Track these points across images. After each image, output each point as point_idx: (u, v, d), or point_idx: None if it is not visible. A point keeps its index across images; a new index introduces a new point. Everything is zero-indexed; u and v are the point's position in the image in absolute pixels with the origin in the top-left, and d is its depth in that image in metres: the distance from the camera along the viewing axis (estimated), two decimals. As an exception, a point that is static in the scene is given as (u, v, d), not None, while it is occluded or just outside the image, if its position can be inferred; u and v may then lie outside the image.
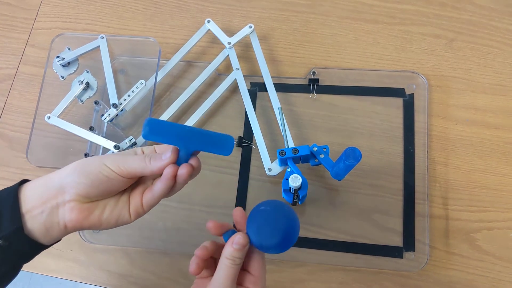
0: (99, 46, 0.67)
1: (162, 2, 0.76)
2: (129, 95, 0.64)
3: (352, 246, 0.59)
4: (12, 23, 0.76)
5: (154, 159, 0.40)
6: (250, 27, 0.67)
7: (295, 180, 0.53)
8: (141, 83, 0.64)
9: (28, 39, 0.75)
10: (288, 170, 0.57)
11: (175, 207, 0.63)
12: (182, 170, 0.41)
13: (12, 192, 0.40)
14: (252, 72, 0.69)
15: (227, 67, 0.70)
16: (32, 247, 0.40)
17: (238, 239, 0.38)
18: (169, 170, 0.40)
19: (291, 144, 0.60)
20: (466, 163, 0.62)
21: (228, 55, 0.67)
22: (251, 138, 0.65)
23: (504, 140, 0.63)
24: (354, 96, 0.67)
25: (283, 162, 0.58)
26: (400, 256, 0.58)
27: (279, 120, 0.61)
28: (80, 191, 0.40)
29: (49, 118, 0.63)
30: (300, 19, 0.73)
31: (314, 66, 0.69)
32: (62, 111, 0.64)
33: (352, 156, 0.49)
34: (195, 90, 0.66)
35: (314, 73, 0.68)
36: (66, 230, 0.41)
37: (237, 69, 0.66)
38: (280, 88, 0.66)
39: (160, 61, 0.68)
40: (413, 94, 0.66)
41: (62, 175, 0.41)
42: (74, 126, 0.63)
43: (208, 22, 0.68)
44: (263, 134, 0.62)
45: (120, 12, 0.76)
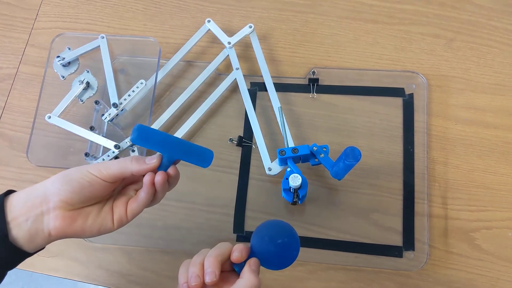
0: (99, 46, 0.67)
1: (162, 2, 0.76)
2: (129, 95, 0.64)
3: (352, 245, 0.59)
4: (12, 23, 0.76)
5: (137, 160, 0.43)
6: (250, 27, 0.67)
7: (295, 180, 0.53)
8: (141, 83, 0.65)
9: (28, 38, 0.75)
10: (288, 169, 0.57)
11: (175, 206, 0.63)
12: (158, 177, 0.43)
13: None
14: (252, 72, 0.69)
15: (227, 67, 0.70)
16: (16, 254, 0.41)
17: (254, 262, 0.41)
18: (147, 178, 0.43)
19: (291, 144, 0.60)
20: (466, 163, 0.62)
21: (228, 55, 0.67)
22: (251, 138, 0.65)
23: (503, 140, 0.63)
24: (354, 95, 0.67)
25: (283, 162, 0.59)
26: (399, 255, 0.58)
27: (279, 120, 0.61)
28: (63, 198, 0.41)
29: (49, 117, 0.63)
30: (300, 19, 0.73)
31: (314, 66, 0.69)
32: (63, 111, 0.64)
33: (351, 155, 0.49)
34: (195, 90, 0.66)
35: (314, 73, 0.68)
36: (50, 238, 0.42)
37: (237, 69, 0.66)
38: (280, 87, 0.66)
39: (160, 61, 0.68)
40: (412, 93, 0.66)
41: (46, 184, 0.42)
42: (75, 125, 0.63)
43: (208, 22, 0.68)
44: (263, 134, 0.62)
45: (121, 12, 0.76)
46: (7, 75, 0.73)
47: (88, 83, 0.65)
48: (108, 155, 0.61)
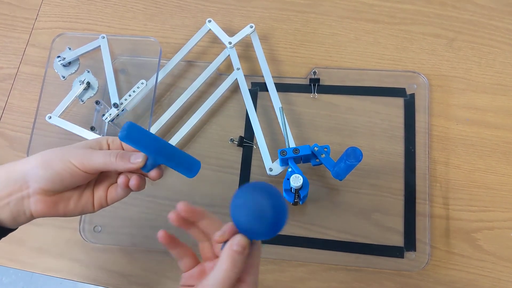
0: (100, 46, 0.67)
1: (163, 2, 0.76)
2: (130, 95, 0.64)
3: (353, 245, 0.59)
4: (12, 23, 0.76)
5: (121, 158, 0.42)
6: (251, 27, 0.67)
7: (296, 180, 0.53)
8: (142, 83, 0.64)
9: (29, 38, 0.75)
10: (289, 170, 0.57)
11: (176, 206, 0.63)
12: (132, 182, 0.43)
13: None
14: (253, 72, 0.69)
15: (228, 67, 0.70)
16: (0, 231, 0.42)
17: (239, 240, 0.36)
18: (121, 180, 0.43)
19: (292, 144, 0.60)
20: (467, 163, 0.62)
21: (229, 55, 0.67)
22: (252, 138, 0.65)
23: (505, 140, 0.63)
24: (355, 96, 0.67)
25: (284, 162, 0.58)
26: (401, 256, 0.58)
27: (280, 120, 0.61)
28: (43, 186, 0.41)
29: (50, 118, 0.63)
30: (301, 18, 0.73)
31: (315, 66, 0.69)
32: (63, 111, 0.64)
33: (353, 156, 0.49)
34: (196, 90, 0.66)
35: (315, 73, 0.68)
36: (33, 217, 0.43)
37: (238, 69, 0.66)
38: (281, 88, 0.66)
39: (161, 61, 0.68)
40: (413, 94, 0.66)
41: (26, 168, 0.42)
42: (75, 126, 0.63)
43: (209, 22, 0.68)
44: (264, 134, 0.62)
45: (121, 12, 0.76)
46: (7, 75, 0.73)
47: (88, 83, 0.65)
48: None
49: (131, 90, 0.64)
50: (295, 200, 0.56)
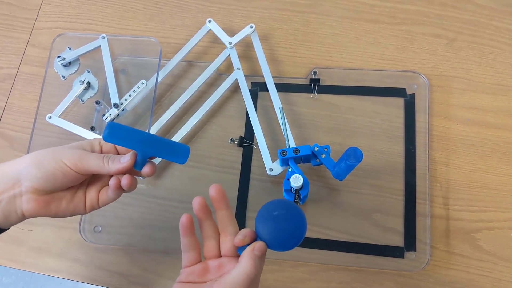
0: (100, 46, 0.67)
1: (163, 2, 0.76)
2: (130, 95, 0.64)
3: (353, 246, 0.59)
4: (13, 23, 0.76)
5: (112, 161, 0.43)
6: (251, 27, 0.67)
7: (297, 180, 0.53)
8: (142, 83, 0.64)
9: (29, 38, 0.75)
10: (289, 170, 0.57)
11: (176, 206, 0.63)
12: (124, 181, 0.43)
13: None
14: (253, 72, 0.69)
15: (228, 67, 0.70)
16: None
17: (260, 245, 0.39)
18: (113, 182, 0.43)
19: (292, 144, 0.60)
20: (467, 163, 0.62)
21: (229, 55, 0.67)
22: (252, 138, 0.65)
23: (505, 140, 0.63)
24: (355, 96, 0.67)
25: (284, 162, 0.58)
26: (401, 256, 0.58)
27: (280, 120, 0.61)
28: (35, 185, 0.41)
29: (50, 118, 0.63)
30: (301, 19, 0.73)
31: (315, 66, 0.69)
32: (63, 111, 0.64)
33: (353, 156, 0.49)
34: (196, 90, 0.66)
35: (315, 73, 0.68)
36: (24, 217, 0.43)
37: (238, 69, 0.66)
38: (281, 88, 0.66)
39: (161, 61, 0.68)
40: (414, 94, 0.66)
41: (19, 166, 0.42)
42: (75, 126, 0.63)
43: (209, 22, 0.68)
44: (264, 134, 0.62)
45: (121, 12, 0.76)
46: (7, 75, 0.73)
47: (88, 83, 0.65)
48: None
49: (131, 90, 0.64)
50: (295, 200, 0.56)
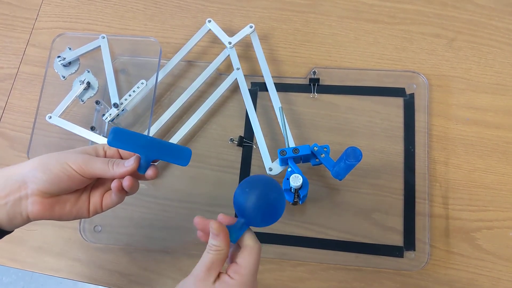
0: (100, 46, 0.67)
1: (163, 2, 0.76)
2: (130, 95, 0.64)
3: (352, 245, 0.59)
4: (13, 23, 0.76)
5: (117, 165, 0.43)
6: (251, 27, 0.67)
7: (296, 180, 0.53)
8: (142, 83, 0.65)
9: (29, 38, 0.75)
10: (289, 169, 0.57)
11: (176, 206, 0.63)
12: (125, 183, 0.44)
13: None
14: (252, 72, 0.69)
15: (227, 67, 0.70)
16: None
17: (213, 224, 0.41)
18: (114, 184, 0.44)
19: (292, 144, 0.60)
20: (466, 163, 0.62)
21: (228, 55, 0.67)
22: (251, 138, 0.65)
23: (504, 140, 0.63)
24: (355, 95, 0.67)
25: (283, 162, 0.59)
26: (400, 255, 0.58)
27: (279, 120, 0.61)
28: (41, 187, 0.42)
29: (50, 117, 0.63)
30: (301, 18, 0.73)
31: (315, 66, 0.69)
32: (63, 111, 0.64)
33: (352, 156, 0.49)
34: (196, 89, 0.66)
35: (314, 72, 0.68)
36: (29, 220, 0.44)
37: (237, 69, 0.66)
38: (281, 87, 0.66)
39: (161, 60, 0.68)
40: (413, 93, 0.66)
41: (25, 169, 0.43)
42: (75, 125, 0.63)
43: (209, 22, 0.68)
44: (263, 134, 0.62)
45: (121, 12, 0.76)
46: (7, 75, 0.73)
47: (88, 83, 0.65)
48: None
49: (131, 90, 0.64)
50: (295, 200, 0.56)
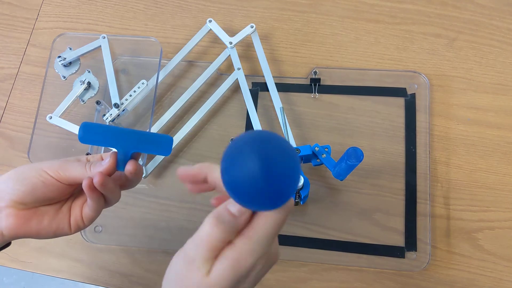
0: (100, 46, 0.67)
1: (163, 2, 0.76)
2: (130, 95, 0.64)
3: (354, 245, 0.59)
4: (13, 23, 0.76)
5: (94, 165, 0.40)
6: (252, 27, 0.67)
7: (297, 180, 0.53)
8: (142, 83, 0.64)
9: (29, 38, 0.75)
10: (290, 170, 0.57)
11: (177, 206, 0.63)
12: (95, 179, 0.39)
13: None
14: (253, 72, 0.69)
15: (228, 67, 0.70)
16: None
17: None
18: (84, 183, 0.39)
19: (293, 144, 0.60)
20: (468, 163, 0.62)
21: (229, 55, 0.67)
22: (252, 138, 0.65)
23: (506, 140, 0.63)
24: (356, 95, 0.67)
25: (284, 162, 0.58)
26: (402, 255, 0.58)
27: (280, 120, 0.61)
28: (15, 197, 0.39)
29: (50, 118, 0.63)
30: (302, 18, 0.73)
31: (316, 66, 0.69)
32: (64, 111, 0.64)
33: (354, 156, 0.49)
34: (196, 89, 0.66)
35: (315, 72, 0.68)
36: (3, 238, 0.40)
37: (238, 69, 0.66)
38: (282, 87, 0.66)
39: (162, 61, 0.68)
40: (414, 93, 0.66)
41: None
42: (76, 126, 0.63)
43: (210, 22, 0.68)
44: (264, 134, 0.62)
45: (122, 12, 0.76)
46: (8, 75, 0.73)
47: (89, 83, 0.65)
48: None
49: (132, 90, 0.64)
50: (296, 200, 0.56)
